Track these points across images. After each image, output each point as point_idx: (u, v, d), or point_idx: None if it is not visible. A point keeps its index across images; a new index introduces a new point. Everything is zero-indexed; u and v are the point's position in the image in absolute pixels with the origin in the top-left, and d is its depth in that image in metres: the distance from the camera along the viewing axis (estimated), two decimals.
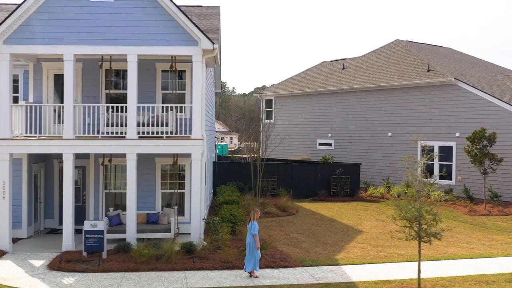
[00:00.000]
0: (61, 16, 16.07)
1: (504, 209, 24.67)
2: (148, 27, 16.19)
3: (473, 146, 24.99)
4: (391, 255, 16.66)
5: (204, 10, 26.20)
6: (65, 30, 16.04)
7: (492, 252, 17.05)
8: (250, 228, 14.08)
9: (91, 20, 16.11)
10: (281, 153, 38.00)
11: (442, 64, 31.42)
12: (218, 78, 32.42)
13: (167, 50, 16.35)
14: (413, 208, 12.84)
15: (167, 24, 16.26)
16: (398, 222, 12.92)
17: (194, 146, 16.33)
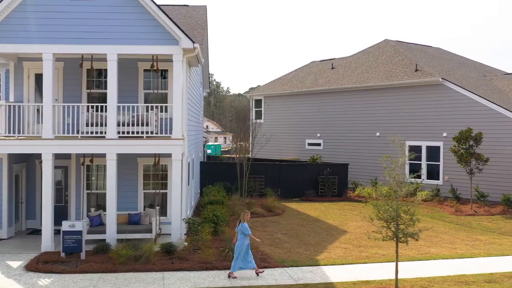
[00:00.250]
0: (40, 15, 15.94)
1: (490, 209, 24.66)
2: (128, 26, 16.08)
3: (460, 146, 24.98)
4: (373, 255, 16.59)
5: (190, 9, 26.14)
6: (44, 29, 15.91)
7: (474, 252, 17.01)
8: (241, 229, 14.06)
9: (71, 19, 15.99)
10: (270, 153, 37.93)
11: (430, 64, 31.41)
12: (206, 77, 32.33)
13: (147, 49, 16.24)
14: (390, 208, 12.73)
15: (147, 23, 16.15)
16: (376, 222, 12.83)
17: (174, 146, 16.21)
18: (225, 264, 14.83)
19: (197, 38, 22.72)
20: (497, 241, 18.92)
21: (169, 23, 15.98)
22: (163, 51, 16.27)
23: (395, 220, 12.73)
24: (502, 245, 18.24)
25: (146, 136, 16.43)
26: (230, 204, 24.70)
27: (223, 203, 22.25)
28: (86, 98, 18.45)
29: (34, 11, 15.89)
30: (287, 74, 40.43)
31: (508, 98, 28.71)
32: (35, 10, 15.89)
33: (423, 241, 18.76)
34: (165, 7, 26.19)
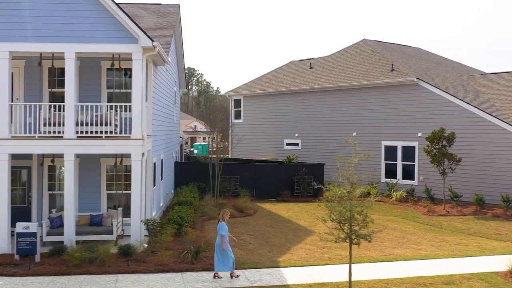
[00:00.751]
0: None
1: (463, 209, 24.59)
2: (86, 24, 15.79)
3: (432, 146, 24.90)
4: (336, 256, 16.42)
5: (162, 8, 25.90)
6: (0, 26, 15.58)
7: (438, 254, 16.87)
8: (219, 229, 13.84)
9: (28, 17, 15.67)
10: (249, 153, 37.77)
11: (407, 64, 31.33)
12: (182, 77, 32.05)
13: (106, 48, 15.96)
14: (343, 209, 12.54)
15: (106, 21, 15.88)
16: (329, 223, 12.65)
17: (133, 146, 15.95)
18: (182, 266, 14.60)
19: (166, 36, 22.51)
20: (464, 241, 18.81)
21: (128, 22, 15.72)
22: (122, 50, 16.01)
23: (349, 222, 12.51)
24: (468, 246, 18.13)
25: (105, 136, 16.14)
26: (201, 205, 24.50)
27: (191, 203, 22.01)
28: (48, 97, 18.12)
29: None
30: (266, 74, 40.24)
31: (483, 98, 28.68)
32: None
33: (390, 242, 18.64)
34: (138, 6, 25.95)
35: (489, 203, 24.91)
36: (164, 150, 23.35)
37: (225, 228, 13.86)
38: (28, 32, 15.65)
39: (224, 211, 14.29)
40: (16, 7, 15.63)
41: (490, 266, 15.20)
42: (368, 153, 13.78)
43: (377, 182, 29.41)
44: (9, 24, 15.61)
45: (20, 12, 15.63)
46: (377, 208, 26.35)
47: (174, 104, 28.93)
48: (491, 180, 25.24)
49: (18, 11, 15.63)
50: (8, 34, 15.60)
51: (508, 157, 24.70)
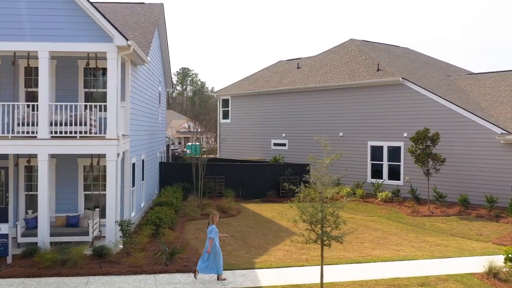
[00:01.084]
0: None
1: (447, 210, 24.48)
2: (60, 23, 15.58)
3: (417, 146, 24.79)
4: (313, 258, 16.26)
5: (145, 7, 25.70)
6: None
7: (417, 254, 16.73)
8: (209, 232, 13.77)
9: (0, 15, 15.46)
10: (237, 154, 37.61)
11: (393, 63, 31.21)
12: (168, 76, 31.85)
13: (80, 47, 15.75)
14: (315, 210, 12.37)
15: (80, 20, 15.67)
16: (300, 225, 12.49)
17: (108, 146, 15.75)
18: (156, 268, 14.42)
19: (147, 35, 22.33)
20: (445, 242, 18.69)
21: (102, 20, 15.52)
22: (96, 49, 15.81)
23: (321, 223, 12.34)
24: (448, 246, 18.01)
25: (79, 136, 15.93)
26: (185, 205, 24.34)
27: (172, 204, 21.82)
28: (24, 96, 17.91)
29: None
30: (254, 74, 40.06)
31: (468, 98, 28.60)
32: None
33: (370, 243, 18.51)
34: (121, 5, 25.75)
35: (474, 203, 24.81)
36: (146, 150, 23.16)
37: (215, 231, 13.75)
38: (0, 31, 15.43)
39: (213, 214, 14.20)
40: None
41: (467, 267, 15.07)
42: (339, 153, 13.55)
43: (363, 183, 29.33)
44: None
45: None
46: (362, 208, 26.26)
47: (159, 104, 28.75)
48: (475, 180, 25.15)
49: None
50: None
51: (492, 157, 24.61)
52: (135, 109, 19.80)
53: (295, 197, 12.76)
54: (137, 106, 20.18)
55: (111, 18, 23.31)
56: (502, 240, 18.95)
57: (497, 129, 24.40)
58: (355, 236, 19.56)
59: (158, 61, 27.54)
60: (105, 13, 23.68)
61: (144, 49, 20.65)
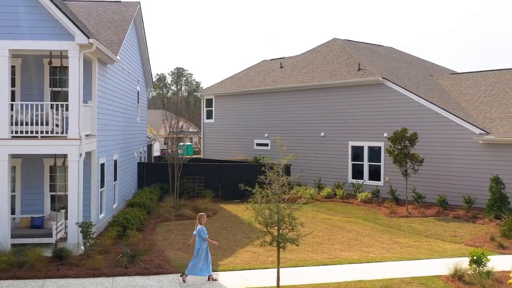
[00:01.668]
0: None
1: (425, 211, 24.26)
2: (20, 20, 15.27)
3: (395, 146, 24.56)
4: (280, 260, 15.95)
5: (121, 5, 25.41)
6: None
7: (386, 256, 16.49)
8: (198, 233, 13.69)
9: None
10: (221, 154, 37.33)
11: (375, 63, 30.97)
12: (148, 76, 31.53)
13: (41, 45, 15.44)
14: (271, 212, 12.10)
15: (41, 17, 15.36)
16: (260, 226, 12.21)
17: (69, 146, 15.45)
18: (115, 270, 14.12)
19: (120, 34, 22.03)
20: (417, 244, 18.45)
21: (63, 18, 15.21)
22: (58, 47, 15.50)
23: (277, 225, 12.08)
24: (419, 248, 17.77)
25: (41, 136, 15.61)
26: (161, 206, 24.08)
27: (144, 205, 21.53)
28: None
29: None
30: (238, 73, 39.78)
31: (449, 97, 28.39)
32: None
33: (341, 244, 18.25)
34: (96, 3, 25.43)
35: (453, 204, 24.60)
36: (119, 150, 22.85)
37: (204, 231, 13.80)
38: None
39: (201, 214, 14.20)
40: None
41: (434, 269, 14.83)
42: (296, 154, 13.27)
43: (343, 183, 29.09)
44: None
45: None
46: (341, 209, 26.01)
47: (137, 104, 28.44)
48: (454, 181, 24.94)
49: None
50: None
51: (471, 158, 24.40)
52: (104, 109, 19.48)
53: (252, 198, 12.48)
54: (106, 105, 19.86)
55: (84, 17, 23.04)
56: (475, 241, 18.72)
57: (475, 129, 24.20)
58: (327, 238, 19.34)
59: (135, 60, 27.23)
60: (79, 11, 23.47)
61: (114, 48, 20.35)
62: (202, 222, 13.93)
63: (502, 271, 14.58)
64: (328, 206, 26.90)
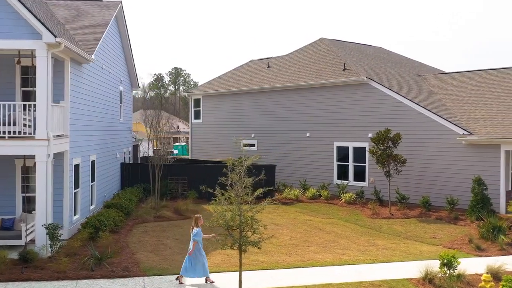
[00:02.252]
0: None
1: (408, 212, 24.02)
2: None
3: (378, 147, 24.33)
4: (252, 262, 15.77)
5: (102, 5, 25.21)
6: None
7: (359, 259, 16.25)
8: (194, 234, 13.66)
9: None
10: (208, 154, 37.09)
11: (361, 63, 30.73)
12: (132, 76, 31.30)
13: (8, 44, 15.26)
14: (233, 214, 11.86)
15: (8, 16, 15.16)
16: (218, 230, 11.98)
17: (37, 147, 15.21)
18: (81, 273, 13.90)
19: (97, 33, 21.78)
20: (394, 246, 18.21)
21: (30, 16, 14.99)
22: (25, 46, 15.29)
23: (239, 227, 11.85)
24: (396, 250, 17.53)
25: (8, 136, 15.38)
26: (142, 207, 23.87)
27: (122, 206, 21.29)
28: None
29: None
30: (226, 73, 39.52)
31: (434, 98, 28.14)
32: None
33: (317, 246, 18.01)
34: (77, 2, 25.19)
35: (436, 205, 24.34)
36: (98, 151, 22.60)
37: (200, 233, 13.73)
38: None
39: (197, 216, 14.13)
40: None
41: (406, 272, 14.59)
42: (258, 155, 13.04)
43: (328, 184, 28.86)
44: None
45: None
46: (324, 210, 25.77)
47: (120, 104, 28.21)
48: (437, 181, 24.70)
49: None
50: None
51: (454, 158, 24.16)
52: (79, 109, 19.23)
53: (214, 200, 12.25)
54: (81, 105, 19.61)
55: (63, 16, 22.82)
56: (453, 243, 18.49)
57: (459, 130, 23.96)
58: (304, 239, 19.11)
59: (117, 60, 27.00)
60: (59, 11, 23.24)
61: (90, 47, 20.11)
62: (199, 224, 13.87)
63: (476, 273, 14.37)
64: (312, 207, 26.66)
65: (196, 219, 13.90)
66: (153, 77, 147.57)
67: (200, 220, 14.01)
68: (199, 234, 13.61)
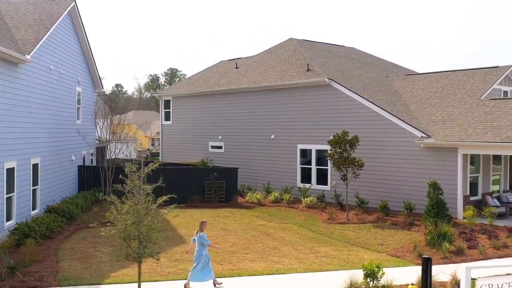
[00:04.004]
0: None
1: (366, 217, 23.38)
2: None
3: (335, 150, 23.68)
4: (180, 271, 15.15)
5: (53, 3, 24.58)
6: None
7: (292, 267, 15.61)
8: (199, 239, 13.51)
9: None
10: (179, 157, 36.46)
11: (327, 63, 30.05)
12: (94, 76, 30.66)
13: None
14: (130, 224, 11.22)
15: None
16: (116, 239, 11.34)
17: None
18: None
19: (40, 32, 21.16)
20: (336, 253, 17.54)
21: None
22: None
23: (136, 238, 11.21)
24: (335, 258, 16.86)
25: None
26: (94, 211, 23.26)
27: (64, 211, 20.65)
28: None
29: None
30: (196, 74, 38.85)
31: (398, 99, 27.47)
32: None
33: (256, 253, 17.35)
34: (27, 1, 24.57)
35: (395, 209, 23.69)
36: (43, 154, 21.95)
37: (205, 237, 13.70)
38: None
39: (203, 221, 14.10)
40: None
41: (333, 283, 13.97)
42: (158, 161, 12.36)
43: (292, 187, 28.23)
44: None
45: None
46: (283, 214, 25.12)
47: (78, 105, 27.56)
48: (396, 185, 24.06)
49: None
50: None
51: (412, 162, 23.53)
52: (14, 111, 18.59)
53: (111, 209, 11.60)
54: (17, 107, 18.96)
55: (10, 15, 22.22)
56: (398, 251, 17.85)
57: (417, 132, 23.31)
58: (246, 246, 18.46)
59: (72, 60, 26.35)
60: (7, 9, 22.62)
61: (28, 47, 19.48)
62: (204, 229, 13.83)
63: (406, 284, 13.72)
64: (271, 211, 26.01)
65: (202, 224, 13.95)
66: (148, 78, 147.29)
67: (205, 225, 14.10)
68: (205, 238, 13.69)
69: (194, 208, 26.81)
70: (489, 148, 21.51)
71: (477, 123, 22.68)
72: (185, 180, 28.26)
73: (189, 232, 20.69)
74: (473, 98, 25.03)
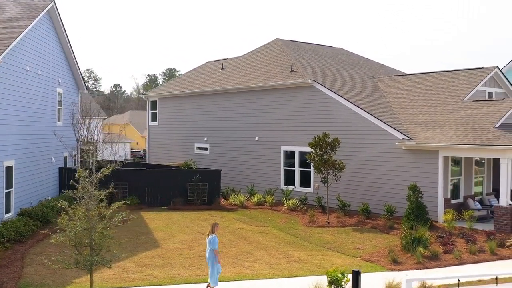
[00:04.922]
0: None
1: (347, 220, 23.09)
2: None
3: (316, 152, 23.40)
4: (146, 277, 14.88)
5: (32, 4, 24.31)
6: None
7: (261, 273, 15.36)
8: (210, 242, 13.32)
9: None
10: (165, 158, 36.20)
11: (312, 64, 29.75)
12: (78, 77, 30.38)
13: None
14: (83, 231, 10.95)
15: None
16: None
17: None
18: None
19: (14, 33, 20.89)
20: (310, 258, 17.26)
21: None
22: None
23: (88, 245, 10.93)
24: (307, 263, 16.59)
25: None
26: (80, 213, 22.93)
27: (37, 214, 20.36)
28: None
29: None
30: (183, 75, 38.56)
31: (382, 101, 27.16)
32: None
33: (227, 259, 17.05)
34: (6, 1, 24.30)
35: (376, 212, 23.41)
36: (18, 156, 21.65)
37: (216, 241, 13.41)
38: None
39: (215, 223, 13.91)
40: None
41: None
42: (112, 166, 12.10)
43: (275, 189, 27.96)
44: None
45: None
46: (264, 217, 24.83)
47: (59, 106, 27.28)
48: (378, 188, 23.78)
49: None
50: None
51: (393, 164, 23.26)
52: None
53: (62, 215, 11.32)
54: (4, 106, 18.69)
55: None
56: (372, 255, 17.57)
57: (399, 135, 23.04)
58: (219, 251, 18.06)
59: (52, 61, 26.05)
60: None
61: (0, 48, 19.19)
62: (215, 231, 13.66)
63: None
64: (253, 214, 25.72)
65: (214, 227, 13.72)
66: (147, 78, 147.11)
67: (217, 227, 13.86)
68: (215, 242, 13.44)
69: (176, 210, 26.55)
70: (469, 150, 21.24)
71: (458, 125, 22.40)
72: (167, 182, 28.00)
73: (165, 236, 20.45)
74: (456, 100, 24.73)
